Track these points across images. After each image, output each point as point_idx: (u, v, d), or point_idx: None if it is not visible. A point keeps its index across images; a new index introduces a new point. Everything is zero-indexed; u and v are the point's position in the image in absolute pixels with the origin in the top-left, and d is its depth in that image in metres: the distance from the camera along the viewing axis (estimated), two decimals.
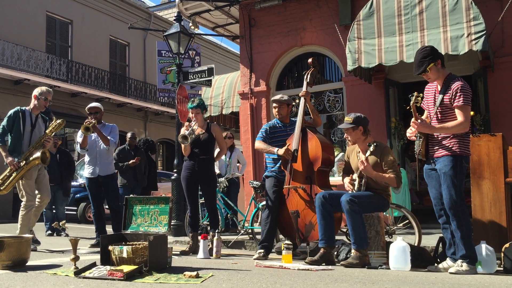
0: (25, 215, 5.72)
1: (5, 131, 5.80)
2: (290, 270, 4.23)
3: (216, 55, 24.46)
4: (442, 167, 4.08)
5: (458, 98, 4.01)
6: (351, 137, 4.92)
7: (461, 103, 4.01)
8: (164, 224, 4.61)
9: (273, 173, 5.55)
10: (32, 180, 5.81)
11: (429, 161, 4.26)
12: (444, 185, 4.06)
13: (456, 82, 4.08)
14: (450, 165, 4.04)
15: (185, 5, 10.12)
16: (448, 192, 4.03)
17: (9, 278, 3.71)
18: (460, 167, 4.06)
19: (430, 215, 9.25)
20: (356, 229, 4.50)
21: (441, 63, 4.19)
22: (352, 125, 4.80)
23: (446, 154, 4.08)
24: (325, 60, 9.34)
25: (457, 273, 3.96)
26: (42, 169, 5.99)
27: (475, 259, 4.05)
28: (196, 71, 8.46)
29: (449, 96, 4.07)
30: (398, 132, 8.72)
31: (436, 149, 4.16)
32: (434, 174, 4.21)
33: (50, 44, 18.14)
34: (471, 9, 6.48)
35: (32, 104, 5.97)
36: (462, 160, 4.08)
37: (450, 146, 4.08)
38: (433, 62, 4.13)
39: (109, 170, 6.62)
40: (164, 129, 21.94)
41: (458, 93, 4.02)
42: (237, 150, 8.92)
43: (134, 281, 3.57)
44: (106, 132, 6.48)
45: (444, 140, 4.12)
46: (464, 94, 4.01)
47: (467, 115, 4.04)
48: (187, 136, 5.65)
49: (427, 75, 4.21)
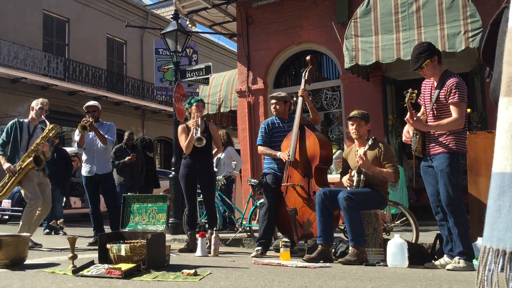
0: (28, 214, 5.76)
1: (5, 142, 5.95)
2: (288, 268, 4.24)
3: (214, 53, 24.46)
4: (438, 165, 4.09)
5: (454, 94, 4.01)
6: (361, 130, 4.86)
7: (456, 99, 4.01)
8: (162, 222, 4.61)
9: (271, 171, 5.56)
10: (31, 181, 5.86)
11: (426, 158, 4.26)
12: (441, 182, 4.07)
13: (451, 78, 4.08)
14: (447, 162, 4.04)
15: (182, 3, 10.10)
16: (445, 189, 4.03)
17: (7, 277, 3.71)
18: (457, 164, 4.06)
19: (427, 212, 9.27)
20: (354, 226, 4.51)
21: (438, 59, 4.19)
22: (365, 120, 4.87)
23: (443, 151, 4.08)
24: (322, 58, 9.34)
25: (454, 269, 3.98)
26: (45, 179, 6.09)
27: (472, 256, 4.06)
28: (193, 69, 8.46)
29: (445, 93, 4.07)
30: (395, 130, 8.74)
31: (432, 146, 4.17)
32: (430, 171, 4.21)
33: (47, 43, 18.11)
34: (468, 6, 6.49)
35: (30, 116, 6.13)
36: (459, 157, 4.08)
37: (447, 143, 4.07)
38: (430, 58, 4.13)
39: (107, 169, 6.62)
40: (162, 127, 21.93)
41: (453, 89, 4.02)
42: (228, 149, 8.77)
43: (132, 279, 3.57)
44: (104, 131, 6.47)
45: (440, 137, 4.12)
46: (459, 91, 4.01)
47: (462, 112, 4.03)
48: (202, 138, 5.65)
49: (423, 71, 4.21)
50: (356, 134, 4.89)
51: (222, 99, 10.46)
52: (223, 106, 10.43)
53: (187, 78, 8.40)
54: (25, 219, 5.75)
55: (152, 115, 21.81)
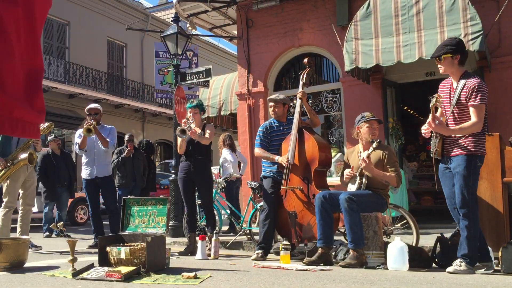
0: (4, 216, 5.74)
1: None
2: (288, 271, 4.23)
3: (214, 56, 24.47)
4: (455, 166, 4.02)
5: (475, 97, 3.92)
6: (376, 130, 4.89)
7: (477, 102, 3.91)
8: (162, 225, 4.61)
9: (270, 174, 5.55)
10: (17, 182, 5.85)
11: (444, 160, 4.18)
12: (457, 185, 4.00)
13: (472, 79, 3.99)
14: (464, 164, 3.97)
15: (182, 6, 10.11)
16: (460, 191, 3.97)
17: (7, 280, 3.70)
18: (474, 167, 3.99)
19: (427, 215, 9.29)
20: (354, 228, 4.50)
21: (460, 59, 4.08)
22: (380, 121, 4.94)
23: (461, 153, 4.01)
24: (322, 61, 9.35)
25: (455, 272, 3.96)
26: (32, 177, 6.06)
27: (475, 261, 4.02)
28: (193, 72, 8.46)
29: (465, 95, 3.98)
30: (395, 133, 8.73)
31: (451, 148, 4.09)
32: (448, 173, 4.15)
33: (47, 46, 18.11)
34: (468, 9, 6.49)
35: None
36: (476, 159, 4.00)
37: (465, 145, 4.00)
38: (451, 54, 4.04)
39: (107, 172, 6.62)
40: (162, 130, 21.93)
41: (474, 91, 3.92)
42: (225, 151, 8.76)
43: (132, 282, 3.56)
44: (105, 134, 6.48)
45: (459, 139, 4.04)
46: (481, 93, 3.92)
47: (481, 115, 3.94)
48: (185, 129, 5.66)
49: (440, 63, 4.12)
50: (372, 135, 4.85)
51: (222, 102, 10.46)
52: (224, 109, 10.44)
53: (187, 80, 8.40)
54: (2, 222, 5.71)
55: (152, 118, 21.82)
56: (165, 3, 25.48)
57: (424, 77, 8.93)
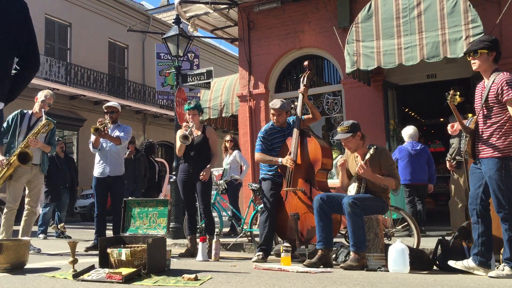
0: (4, 217, 5.63)
1: (3, 133, 5.78)
2: (289, 273, 4.23)
3: (215, 58, 24.48)
4: (487, 171, 3.92)
5: (507, 91, 3.80)
6: (352, 145, 4.86)
7: (511, 95, 3.78)
8: (163, 227, 4.61)
9: (269, 176, 5.54)
10: (19, 183, 5.73)
11: (476, 161, 4.08)
12: (491, 189, 3.90)
13: (500, 76, 3.90)
14: (495, 168, 3.86)
15: (184, 7, 10.13)
16: (495, 196, 3.87)
17: (8, 281, 3.70)
18: (506, 169, 3.84)
19: (428, 218, 9.27)
20: (356, 232, 4.49)
21: (495, 57, 4.01)
22: (351, 133, 4.80)
23: (492, 155, 3.90)
24: (323, 63, 9.36)
25: (497, 276, 3.82)
26: (38, 178, 5.91)
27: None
28: (195, 73, 8.47)
29: (495, 92, 3.88)
30: (396, 134, 8.73)
31: (482, 149, 3.99)
32: (477, 173, 4.05)
33: (49, 47, 18.15)
34: (469, 11, 6.49)
35: (34, 107, 6.04)
36: (508, 161, 3.85)
37: (497, 145, 3.88)
38: (488, 50, 3.96)
39: (119, 171, 6.47)
40: (163, 131, 21.95)
41: (505, 86, 3.81)
42: (235, 153, 8.80)
43: (133, 284, 3.56)
44: (120, 131, 6.45)
45: (490, 138, 3.93)
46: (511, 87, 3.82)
47: None
48: (188, 135, 5.65)
49: (474, 58, 4.04)
50: (350, 150, 4.94)
51: (223, 103, 10.47)
52: (225, 110, 10.44)
53: (188, 82, 8.41)
54: (3, 225, 5.61)
55: (153, 119, 21.84)
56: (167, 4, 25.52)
57: (425, 79, 8.93)
